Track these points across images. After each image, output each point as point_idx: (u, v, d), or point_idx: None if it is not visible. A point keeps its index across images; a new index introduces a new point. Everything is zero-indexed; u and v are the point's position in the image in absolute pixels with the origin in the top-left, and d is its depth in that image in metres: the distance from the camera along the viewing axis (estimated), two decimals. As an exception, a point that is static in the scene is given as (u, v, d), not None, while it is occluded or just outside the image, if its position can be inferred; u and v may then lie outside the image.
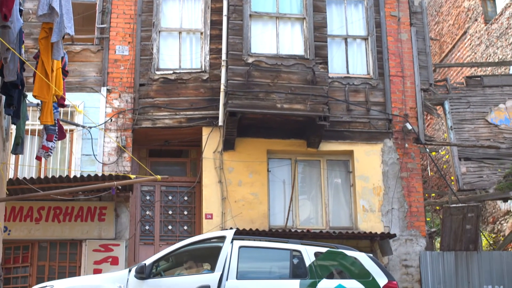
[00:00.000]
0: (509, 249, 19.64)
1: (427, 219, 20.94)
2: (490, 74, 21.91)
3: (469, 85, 18.98)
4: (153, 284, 10.77)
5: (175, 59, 17.48)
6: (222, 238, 11.16)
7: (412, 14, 18.60)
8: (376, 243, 16.18)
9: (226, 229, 15.29)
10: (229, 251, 11.05)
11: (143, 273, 10.70)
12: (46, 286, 10.93)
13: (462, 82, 19.53)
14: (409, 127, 17.31)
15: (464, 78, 19.46)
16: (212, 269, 10.88)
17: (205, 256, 11.47)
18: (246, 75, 16.04)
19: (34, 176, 15.12)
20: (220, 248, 11.00)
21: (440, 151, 22.49)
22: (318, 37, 16.68)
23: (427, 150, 18.48)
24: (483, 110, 18.79)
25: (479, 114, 18.75)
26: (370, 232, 16.02)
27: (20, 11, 10.15)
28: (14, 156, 15.15)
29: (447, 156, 21.75)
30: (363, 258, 11.41)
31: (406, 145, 17.39)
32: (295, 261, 11.19)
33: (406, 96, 17.81)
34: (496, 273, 16.46)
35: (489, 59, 22.98)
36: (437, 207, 22.69)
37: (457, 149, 18.27)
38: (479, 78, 19.11)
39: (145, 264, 10.86)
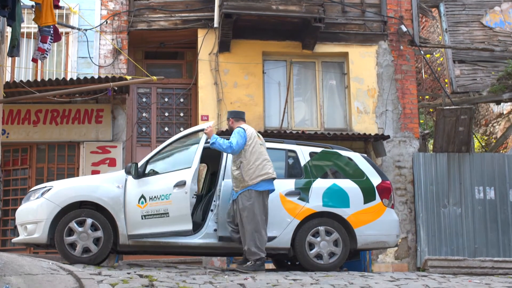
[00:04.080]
0: (501, 151, 19.90)
1: (421, 121, 21.12)
2: (486, -25, 21.77)
3: (465, -13, 18.92)
4: (143, 182, 10.78)
5: (169, -40, 17.31)
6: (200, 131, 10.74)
7: None
8: (370, 144, 16.39)
9: (222, 130, 15.45)
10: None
11: (133, 173, 10.68)
12: (45, 186, 11.03)
13: (458, -17, 19.42)
14: (404, 29, 17.27)
15: (460, -21, 19.37)
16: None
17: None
18: (242, -24, 15.94)
19: (30, 79, 15.15)
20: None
21: (434, 53, 22.48)
22: None
23: (422, 52, 18.50)
24: (479, 12, 18.76)
25: (474, 16, 18.73)
26: (364, 134, 16.21)
27: None
28: (10, 58, 15.13)
29: (441, 59, 21.78)
30: (357, 158, 11.51)
31: (401, 47, 17.38)
32: (290, 161, 11.27)
33: (401, -2, 17.74)
34: (488, 174, 16.68)
35: (486, -40, 22.76)
36: (431, 109, 22.84)
37: (451, 51, 18.31)
38: (475, -20, 19.04)
39: (136, 163, 10.75)
